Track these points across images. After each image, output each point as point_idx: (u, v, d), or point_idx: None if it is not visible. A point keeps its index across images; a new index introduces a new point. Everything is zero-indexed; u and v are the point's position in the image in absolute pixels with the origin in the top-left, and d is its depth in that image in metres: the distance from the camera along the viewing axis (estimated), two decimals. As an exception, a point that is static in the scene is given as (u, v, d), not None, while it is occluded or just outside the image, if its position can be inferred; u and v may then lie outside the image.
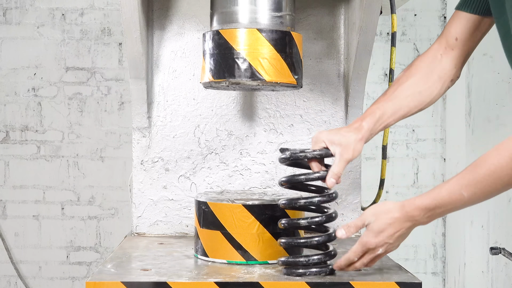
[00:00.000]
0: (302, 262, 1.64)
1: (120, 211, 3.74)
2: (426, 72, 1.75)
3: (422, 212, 1.53)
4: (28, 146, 3.73)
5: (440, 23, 3.78)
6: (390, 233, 1.57)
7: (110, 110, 3.72)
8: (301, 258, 1.65)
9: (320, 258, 1.64)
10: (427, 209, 1.52)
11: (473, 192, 1.46)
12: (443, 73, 1.76)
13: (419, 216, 1.54)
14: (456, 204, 1.50)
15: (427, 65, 1.75)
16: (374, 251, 1.59)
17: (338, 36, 2.24)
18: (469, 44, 1.74)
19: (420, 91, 1.74)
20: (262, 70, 1.78)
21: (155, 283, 1.58)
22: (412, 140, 3.81)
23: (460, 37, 1.72)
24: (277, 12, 1.82)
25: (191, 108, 2.22)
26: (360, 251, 1.60)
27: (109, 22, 3.72)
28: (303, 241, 1.71)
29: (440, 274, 3.82)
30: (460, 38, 1.72)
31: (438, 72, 1.75)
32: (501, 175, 1.42)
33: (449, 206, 1.50)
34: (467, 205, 1.50)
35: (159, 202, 2.21)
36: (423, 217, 1.54)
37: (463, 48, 1.74)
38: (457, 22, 1.72)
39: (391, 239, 1.57)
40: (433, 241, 3.81)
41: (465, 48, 1.74)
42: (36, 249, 3.73)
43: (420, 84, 1.74)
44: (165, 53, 2.21)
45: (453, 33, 1.73)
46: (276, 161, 2.21)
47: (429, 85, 1.74)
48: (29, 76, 3.71)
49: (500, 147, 1.43)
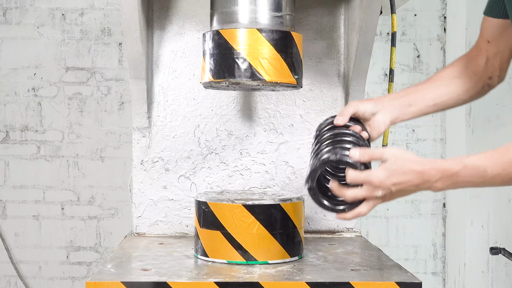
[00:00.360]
0: None
1: (120, 211, 3.73)
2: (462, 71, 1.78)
3: (439, 174, 1.46)
4: (28, 146, 3.73)
5: (440, 23, 3.78)
6: (399, 181, 1.48)
7: (110, 110, 3.72)
8: None
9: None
10: (446, 172, 1.46)
11: (497, 172, 1.43)
12: (477, 69, 1.78)
13: (434, 178, 1.46)
14: (476, 180, 1.45)
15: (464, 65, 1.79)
16: (375, 190, 1.50)
17: (338, 36, 2.24)
18: (502, 44, 1.77)
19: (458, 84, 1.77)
20: (262, 70, 1.78)
21: (155, 283, 1.58)
22: (412, 140, 3.81)
23: (491, 39, 1.76)
24: (277, 12, 1.82)
25: (191, 108, 2.22)
26: (362, 180, 1.51)
27: (109, 22, 3.72)
28: None
29: (440, 274, 3.82)
30: (492, 40, 1.76)
31: (477, 75, 1.78)
32: None
33: (468, 178, 1.45)
34: (486, 185, 1.46)
35: (159, 202, 2.21)
36: (438, 180, 1.47)
37: (497, 47, 1.77)
38: (486, 27, 1.77)
39: (395, 187, 1.49)
40: (433, 241, 3.81)
41: (499, 48, 1.77)
42: (36, 249, 3.73)
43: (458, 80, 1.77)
44: (165, 53, 2.21)
45: (485, 36, 1.77)
46: (276, 161, 2.21)
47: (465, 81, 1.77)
48: (29, 76, 3.71)
49: None
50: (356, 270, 1.70)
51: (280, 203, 1.78)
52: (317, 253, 1.92)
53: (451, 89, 1.77)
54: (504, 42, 1.76)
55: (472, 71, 1.78)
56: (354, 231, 2.24)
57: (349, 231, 2.24)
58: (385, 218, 3.78)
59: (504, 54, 1.79)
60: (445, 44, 3.78)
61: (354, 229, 2.24)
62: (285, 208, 1.78)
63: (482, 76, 1.79)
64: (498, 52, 1.78)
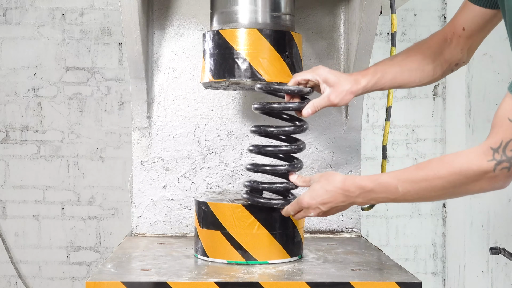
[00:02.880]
0: None
1: (120, 211, 3.73)
2: (435, 53, 1.78)
3: (358, 190, 1.58)
4: (28, 146, 3.72)
5: (440, 23, 3.78)
6: (324, 200, 1.62)
7: (110, 110, 3.72)
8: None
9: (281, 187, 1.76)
10: (363, 189, 1.57)
11: (407, 190, 1.50)
12: (450, 56, 1.78)
13: (355, 194, 1.58)
14: (389, 195, 1.54)
15: (438, 46, 1.78)
16: (307, 211, 1.66)
17: (338, 36, 2.24)
18: (476, 34, 1.74)
19: (424, 68, 1.77)
20: (262, 70, 1.78)
21: (155, 283, 1.58)
22: (412, 140, 3.81)
23: (467, 28, 1.73)
24: (277, 12, 1.82)
25: (191, 108, 2.22)
26: (296, 207, 1.68)
27: (109, 22, 3.72)
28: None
29: (440, 274, 3.82)
30: (467, 28, 1.73)
31: (446, 55, 1.78)
32: (436, 184, 1.45)
33: (383, 194, 1.55)
34: (400, 200, 1.54)
35: (159, 202, 2.21)
36: (358, 196, 1.58)
37: (470, 37, 1.75)
38: (465, 13, 1.73)
39: (324, 206, 1.63)
40: (433, 241, 3.81)
41: (472, 38, 1.75)
42: (36, 249, 3.73)
43: (426, 62, 1.77)
44: (165, 53, 2.21)
45: (460, 23, 1.74)
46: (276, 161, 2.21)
47: (434, 65, 1.77)
48: (29, 76, 3.71)
49: (446, 158, 1.46)
50: (356, 270, 1.70)
51: (280, 203, 1.78)
52: (317, 253, 1.92)
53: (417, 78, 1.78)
54: (481, 33, 1.73)
55: (444, 59, 1.78)
56: (354, 231, 2.24)
57: (349, 231, 2.24)
58: (385, 218, 3.78)
59: (475, 42, 1.77)
60: (445, 44, 3.78)
61: (354, 229, 2.24)
62: (285, 208, 1.78)
63: (451, 63, 1.79)
64: (471, 41, 1.75)
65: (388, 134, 2.19)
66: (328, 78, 1.70)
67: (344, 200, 1.61)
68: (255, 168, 1.78)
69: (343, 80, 1.71)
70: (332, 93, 1.70)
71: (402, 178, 1.51)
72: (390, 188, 1.53)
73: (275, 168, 1.76)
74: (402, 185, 1.51)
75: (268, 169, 1.77)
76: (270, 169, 1.77)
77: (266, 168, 1.77)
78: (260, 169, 1.77)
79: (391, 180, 1.53)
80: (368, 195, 1.58)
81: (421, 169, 1.49)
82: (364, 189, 1.57)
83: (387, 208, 3.78)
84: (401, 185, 1.51)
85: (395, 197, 1.54)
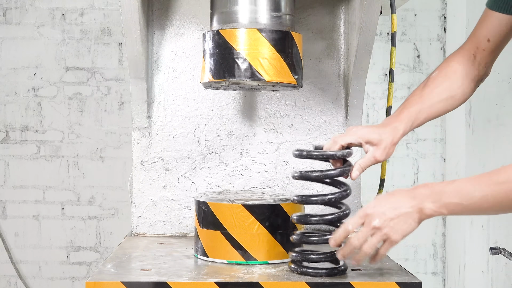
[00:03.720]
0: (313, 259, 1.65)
1: (120, 211, 3.73)
2: (462, 76, 1.71)
3: (428, 190, 1.44)
4: (28, 146, 3.73)
5: (440, 23, 3.78)
6: (390, 203, 1.47)
7: (110, 110, 3.72)
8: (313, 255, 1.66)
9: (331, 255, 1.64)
10: (432, 188, 1.44)
11: (485, 193, 1.39)
12: (476, 74, 1.73)
13: (424, 196, 1.44)
14: (463, 201, 1.41)
15: (463, 68, 1.72)
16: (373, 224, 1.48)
17: (338, 36, 2.24)
18: (501, 44, 1.70)
19: (453, 95, 1.71)
20: (262, 70, 1.78)
21: (155, 283, 1.58)
22: (412, 140, 3.81)
23: (493, 38, 1.67)
24: (277, 12, 1.82)
25: (191, 108, 2.22)
26: (358, 221, 1.52)
27: (109, 22, 3.72)
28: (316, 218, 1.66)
29: (440, 274, 3.82)
30: (493, 39, 1.67)
31: (472, 75, 1.73)
32: None
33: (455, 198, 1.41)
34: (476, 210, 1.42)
35: (159, 202, 2.21)
36: (428, 198, 1.44)
37: (495, 48, 1.70)
38: (489, 23, 1.66)
39: (391, 212, 1.46)
40: (433, 241, 3.81)
41: (497, 48, 1.71)
42: (36, 249, 3.73)
43: (454, 87, 1.71)
44: (165, 53, 2.21)
45: (485, 34, 1.68)
46: (276, 161, 2.21)
47: (463, 88, 1.72)
48: (29, 76, 3.71)
49: None
50: (356, 270, 1.70)
51: (280, 203, 1.78)
52: (317, 253, 1.91)
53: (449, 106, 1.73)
54: (504, 41, 1.68)
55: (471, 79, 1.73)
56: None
57: (349, 231, 2.23)
58: (385, 218, 3.78)
59: (497, 53, 1.72)
60: (445, 44, 3.78)
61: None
62: (285, 208, 1.78)
63: (478, 81, 1.75)
64: (495, 52, 1.70)
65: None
66: (371, 138, 1.64)
67: (412, 204, 1.45)
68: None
69: (384, 135, 1.64)
70: (377, 151, 1.63)
71: (479, 179, 1.41)
72: (465, 190, 1.41)
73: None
74: (479, 187, 1.38)
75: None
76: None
77: None
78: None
79: (465, 181, 1.42)
80: (438, 197, 1.43)
81: (498, 171, 1.39)
82: (433, 188, 1.44)
83: (387, 208, 3.77)
84: (478, 187, 1.38)
85: (469, 202, 1.40)
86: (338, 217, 1.65)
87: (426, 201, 1.45)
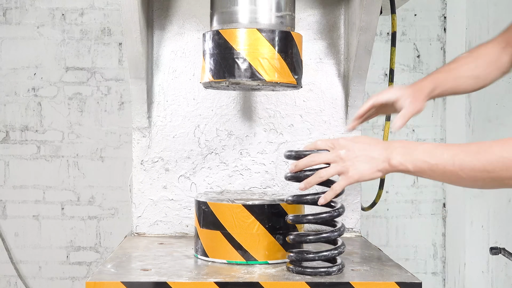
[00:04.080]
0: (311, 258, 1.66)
1: (120, 211, 3.73)
2: (490, 61, 1.82)
3: (401, 144, 1.50)
4: (28, 146, 3.73)
5: (440, 23, 3.78)
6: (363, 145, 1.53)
7: (110, 110, 3.72)
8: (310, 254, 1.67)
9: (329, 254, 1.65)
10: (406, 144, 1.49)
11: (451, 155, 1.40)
12: (501, 64, 1.83)
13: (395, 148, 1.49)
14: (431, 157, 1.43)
15: (493, 54, 1.83)
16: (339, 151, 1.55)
17: (338, 36, 2.24)
18: None
19: (478, 75, 1.82)
20: (262, 70, 1.78)
21: (155, 283, 1.58)
22: (412, 140, 3.80)
23: None
24: (277, 12, 1.82)
25: (191, 108, 2.22)
26: (328, 144, 1.59)
27: (109, 22, 3.72)
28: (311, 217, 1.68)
29: (440, 274, 3.82)
30: None
31: (499, 64, 1.82)
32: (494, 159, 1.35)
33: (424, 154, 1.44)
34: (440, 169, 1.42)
35: (159, 202, 2.21)
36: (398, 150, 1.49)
37: None
38: None
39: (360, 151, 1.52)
40: (433, 241, 3.81)
41: None
42: (36, 249, 3.73)
43: (480, 69, 1.81)
44: (165, 53, 2.21)
45: None
46: (276, 161, 2.21)
47: (487, 72, 1.82)
48: (29, 76, 3.71)
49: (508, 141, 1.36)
50: (356, 270, 1.70)
51: (280, 203, 1.78)
52: (317, 253, 1.92)
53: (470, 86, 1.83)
54: None
55: (496, 66, 1.83)
56: (354, 231, 2.24)
57: (349, 231, 2.24)
58: (385, 218, 3.78)
59: None
60: (445, 44, 3.78)
61: (354, 229, 2.24)
62: (285, 208, 1.78)
63: (502, 71, 1.85)
64: None
65: (388, 134, 2.19)
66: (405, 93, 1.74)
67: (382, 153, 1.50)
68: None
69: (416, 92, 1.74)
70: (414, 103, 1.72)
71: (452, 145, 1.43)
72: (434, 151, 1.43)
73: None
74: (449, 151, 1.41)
75: None
76: None
77: None
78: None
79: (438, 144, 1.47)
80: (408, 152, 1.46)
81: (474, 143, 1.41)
82: (406, 144, 1.49)
83: (387, 208, 3.78)
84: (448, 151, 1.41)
85: (435, 161, 1.42)
86: (331, 216, 1.66)
87: (395, 153, 1.50)
